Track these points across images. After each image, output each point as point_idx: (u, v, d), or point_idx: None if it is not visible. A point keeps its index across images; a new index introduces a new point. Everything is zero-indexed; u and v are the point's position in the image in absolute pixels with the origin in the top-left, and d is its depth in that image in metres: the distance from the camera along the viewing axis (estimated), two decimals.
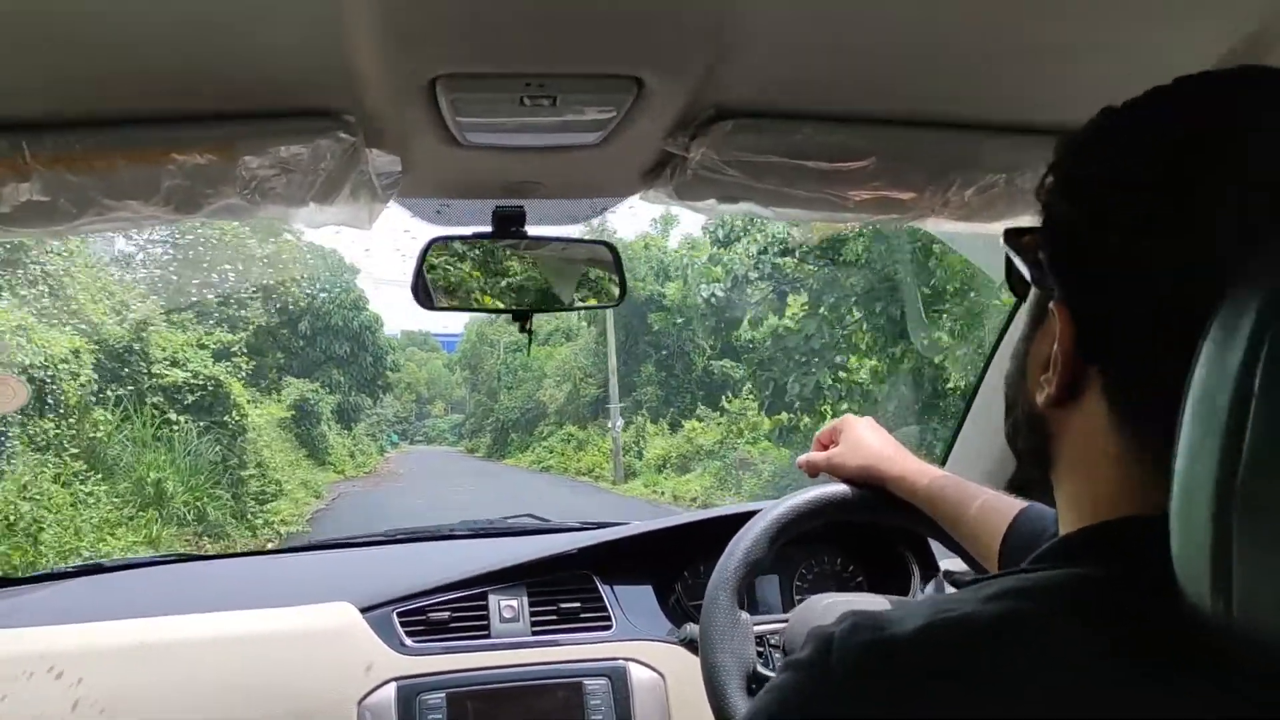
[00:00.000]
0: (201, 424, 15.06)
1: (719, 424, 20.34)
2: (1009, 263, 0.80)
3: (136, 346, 14.57)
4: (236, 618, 1.77)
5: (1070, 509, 0.73)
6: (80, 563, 2.10)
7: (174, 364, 15.42)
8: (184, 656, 1.69)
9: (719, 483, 18.26)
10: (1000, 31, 1.05)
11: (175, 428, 14.37)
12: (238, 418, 16.04)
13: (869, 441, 1.46)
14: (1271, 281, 0.53)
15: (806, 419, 15.10)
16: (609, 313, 24.16)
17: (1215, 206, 0.62)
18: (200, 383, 15.57)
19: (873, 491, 1.43)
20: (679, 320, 24.02)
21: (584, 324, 29.98)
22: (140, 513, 12.14)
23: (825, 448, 1.53)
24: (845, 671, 0.63)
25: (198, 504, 13.49)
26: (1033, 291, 0.77)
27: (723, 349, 24.31)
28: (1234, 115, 0.65)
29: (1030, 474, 0.80)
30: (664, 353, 25.50)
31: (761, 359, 15.77)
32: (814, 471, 1.51)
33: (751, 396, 19.14)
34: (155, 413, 14.11)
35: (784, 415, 17.01)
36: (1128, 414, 0.67)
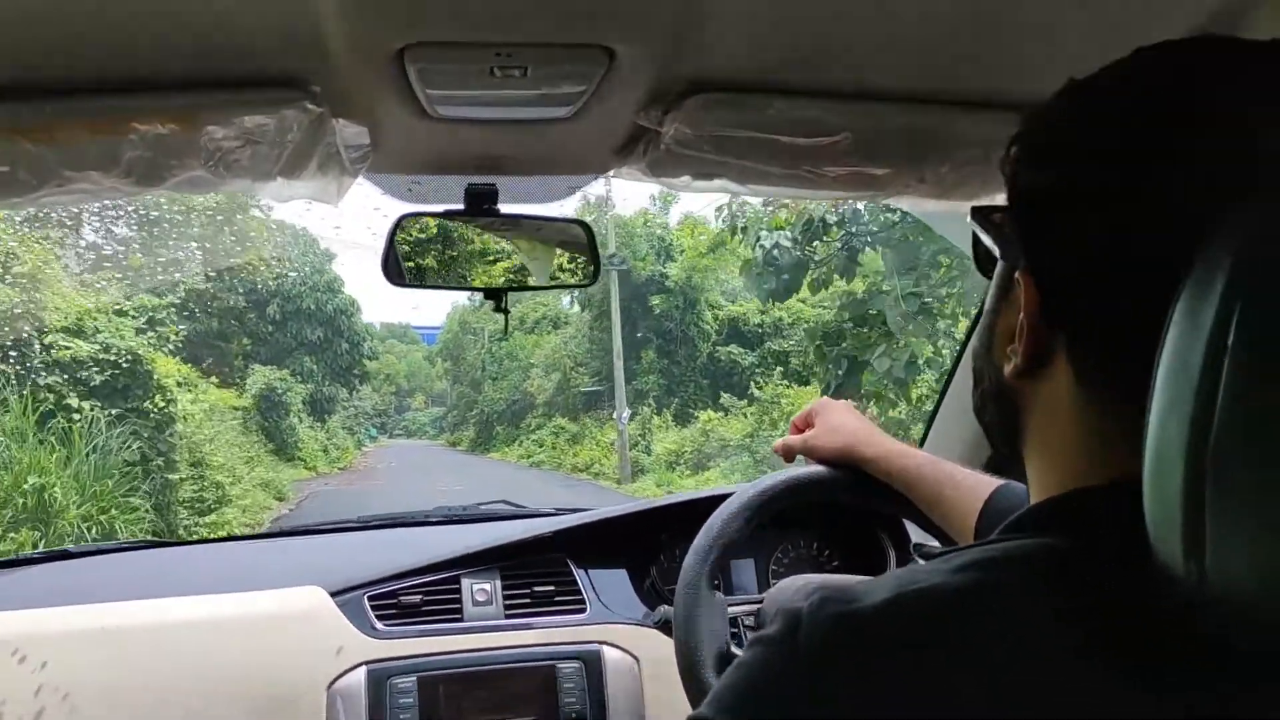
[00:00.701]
0: (113, 412, 11.92)
1: (747, 414, 18.80)
2: (976, 240, 0.80)
3: (22, 309, 11.36)
4: (205, 602, 1.75)
5: (1039, 480, 0.74)
6: (45, 549, 2.07)
7: (76, 333, 12.09)
8: (151, 641, 1.67)
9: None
10: (975, 6, 1.05)
11: (75, 417, 11.20)
12: (163, 404, 12.79)
13: (846, 424, 1.46)
14: (1241, 246, 0.53)
15: (902, 405, 11.79)
16: (613, 292, 23.27)
17: (1177, 173, 0.62)
18: (113, 359, 12.22)
19: (850, 472, 1.43)
20: (679, 303, 22.91)
21: (578, 309, 28.76)
22: (12, 532, 9.36)
23: (801, 432, 1.52)
24: (814, 646, 0.63)
25: (102, 518, 10.56)
26: (1000, 265, 0.77)
27: (729, 334, 23.46)
28: (1194, 83, 0.65)
29: (999, 448, 0.80)
30: (665, 339, 24.28)
31: (827, 331, 13.05)
32: (790, 456, 1.52)
33: (787, 382, 17.79)
34: (49, 396, 11.24)
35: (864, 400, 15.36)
36: (1094, 382, 0.67)
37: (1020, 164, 0.72)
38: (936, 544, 1.34)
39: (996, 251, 0.75)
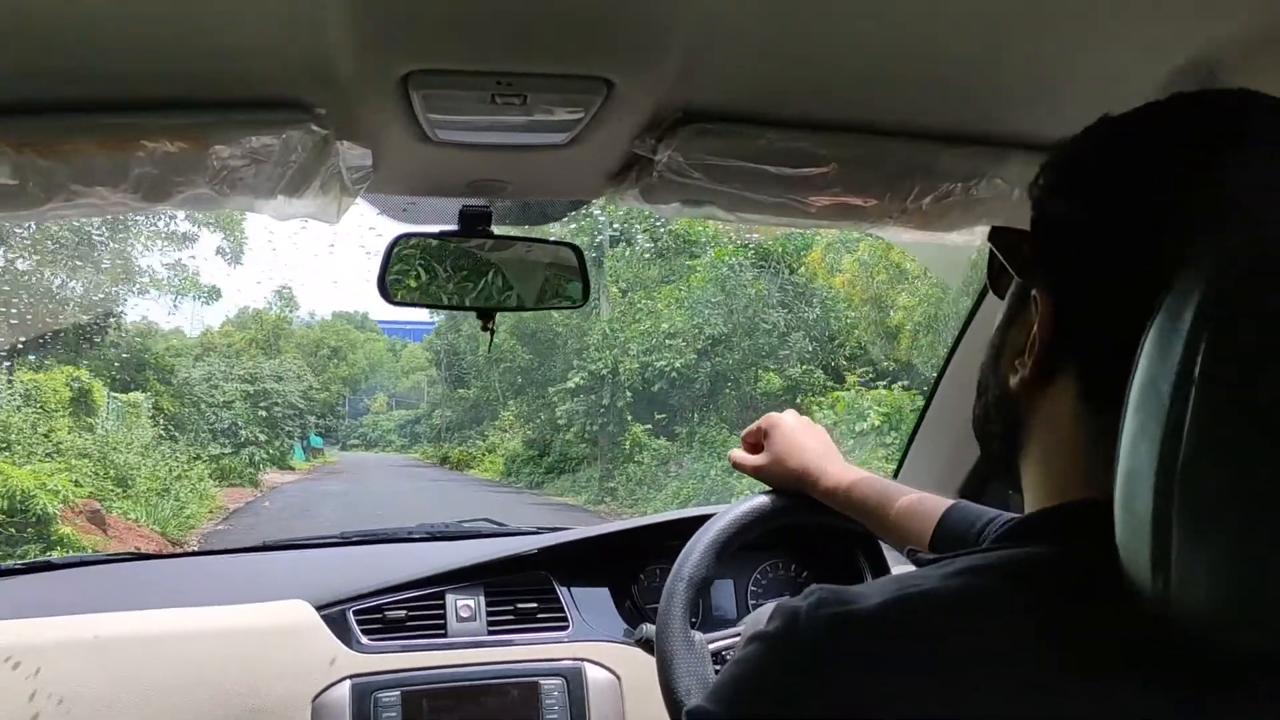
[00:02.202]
0: None
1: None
2: (992, 259, 0.83)
3: None
4: (192, 614, 1.75)
5: (1034, 490, 0.76)
6: (29, 560, 2.07)
7: None
8: (139, 650, 1.68)
9: None
10: (959, 45, 1.08)
11: None
12: None
13: (793, 451, 1.47)
14: (1212, 273, 0.56)
15: None
16: None
17: (1192, 214, 0.66)
18: None
19: (805, 499, 1.46)
20: None
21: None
22: None
23: (751, 446, 1.55)
24: (811, 644, 0.65)
25: None
26: (1013, 284, 0.80)
27: None
28: (1220, 134, 0.69)
29: (997, 458, 0.83)
30: None
31: None
32: (741, 471, 1.54)
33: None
34: None
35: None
36: (1097, 400, 0.70)
37: (1047, 191, 0.76)
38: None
39: (1014, 272, 0.79)
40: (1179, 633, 0.57)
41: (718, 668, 1.42)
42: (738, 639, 1.51)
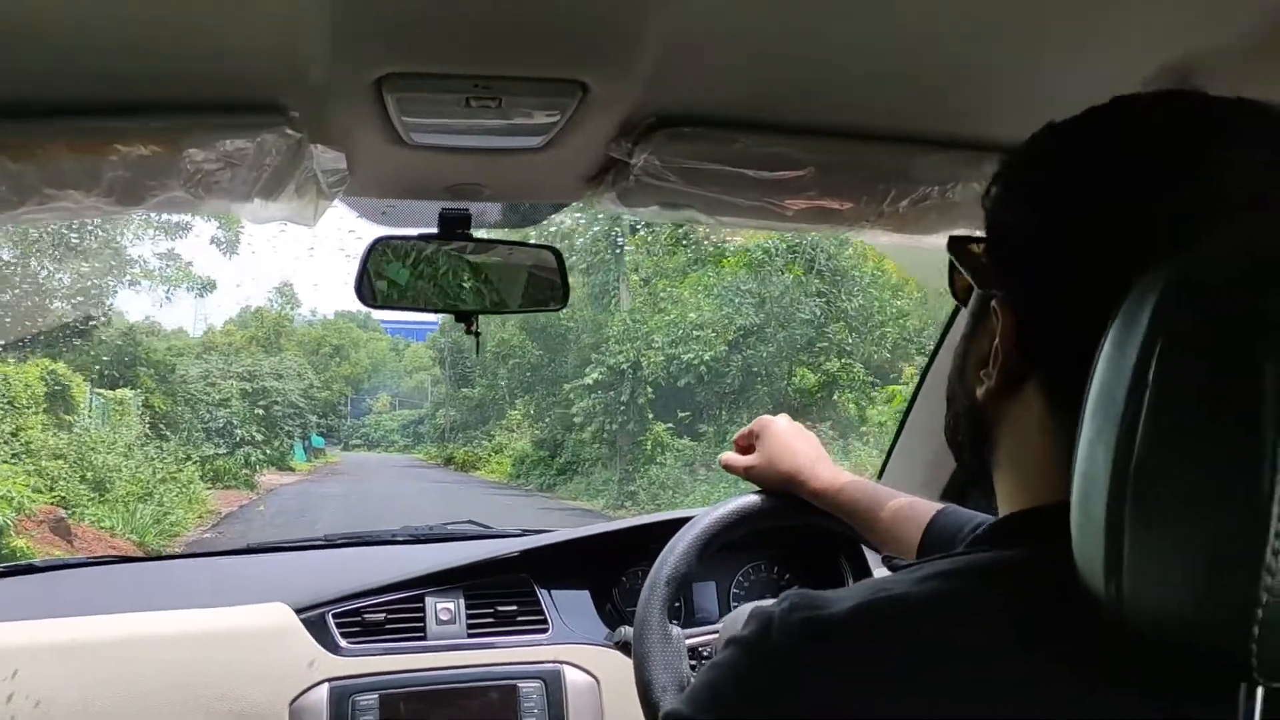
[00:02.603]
0: None
1: None
2: (952, 268, 0.84)
3: None
4: (170, 617, 1.75)
5: (1007, 497, 0.77)
6: (9, 563, 2.06)
7: None
8: (119, 654, 1.67)
9: None
10: (936, 49, 1.08)
11: None
12: None
13: (784, 454, 1.47)
14: (1166, 280, 0.56)
15: None
16: None
17: (1147, 215, 0.66)
18: None
19: (793, 500, 1.46)
20: None
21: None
22: None
23: (743, 449, 1.55)
24: (785, 648, 0.65)
25: None
26: (975, 293, 0.80)
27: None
28: (1169, 133, 0.69)
29: (969, 467, 0.83)
30: None
31: None
32: (733, 473, 1.54)
33: None
34: None
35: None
36: (1062, 404, 0.69)
37: (1000, 200, 0.76)
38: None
39: (973, 282, 0.79)
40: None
41: (694, 663, 1.42)
42: (715, 637, 1.51)
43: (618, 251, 21.79)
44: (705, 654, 1.51)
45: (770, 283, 18.30)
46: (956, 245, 0.81)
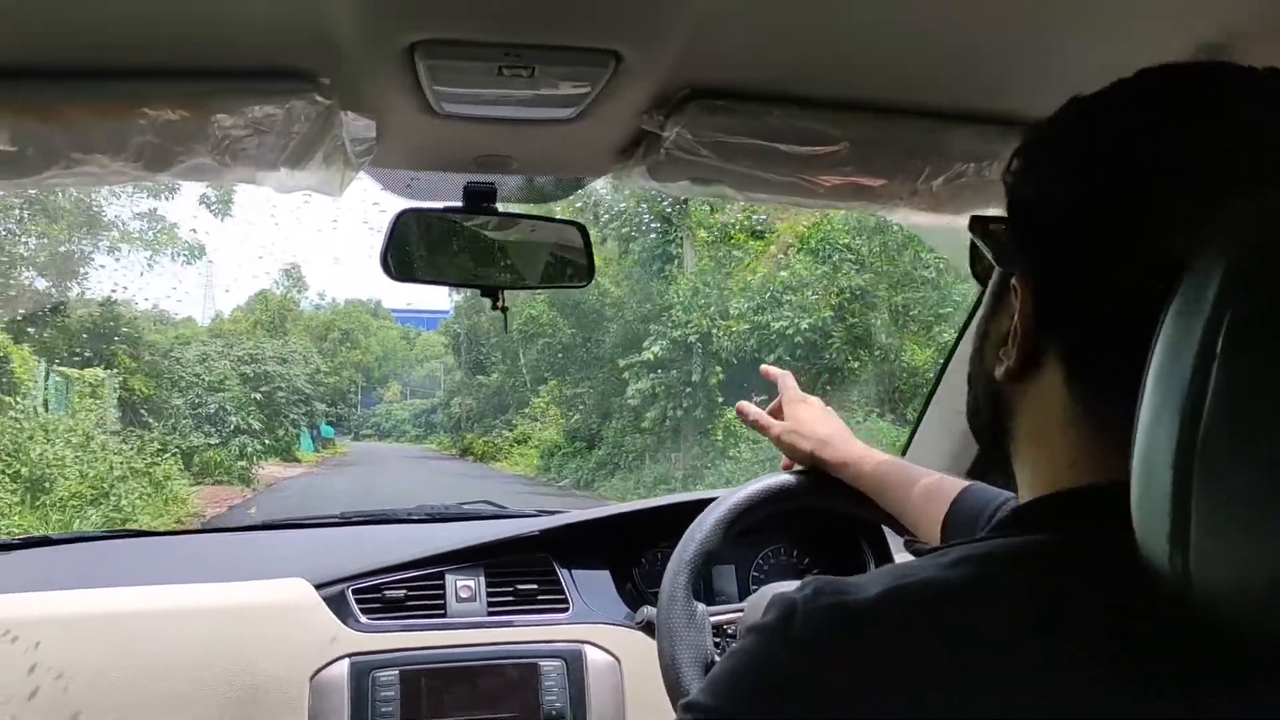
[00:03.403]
0: None
1: None
2: (973, 248, 0.82)
3: None
4: (191, 590, 1.75)
5: (1028, 480, 0.75)
6: (24, 535, 2.06)
7: None
8: (139, 626, 1.67)
9: None
10: (972, 22, 1.07)
11: None
12: None
13: (815, 427, 1.47)
14: (1233, 252, 0.55)
15: None
16: None
17: (1172, 189, 0.64)
18: None
19: (820, 478, 1.45)
20: None
21: None
22: None
23: (774, 414, 1.54)
24: (808, 635, 0.64)
25: None
26: (995, 274, 0.79)
27: None
28: (1191, 104, 0.67)
29: (990, 450, 0.82)
30: None
31: None
32: (752, 424, 1.54)
33: None
34: None
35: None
36: (1084, 384, 0.69)
37: (1020, 176, 0.75)
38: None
39: (993, 260, 0.78)
40: (1183, 620, 0.56)
41: (717, 640, 1.42)
42: (739, 615, 1.51)
43: (680, 207, 18.57)
44: (730, 632, 1.50)
45: (889, 232, 14.77)
46: (977, 225, 0.80)
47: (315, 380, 26.55)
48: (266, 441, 21.92)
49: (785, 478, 1.47)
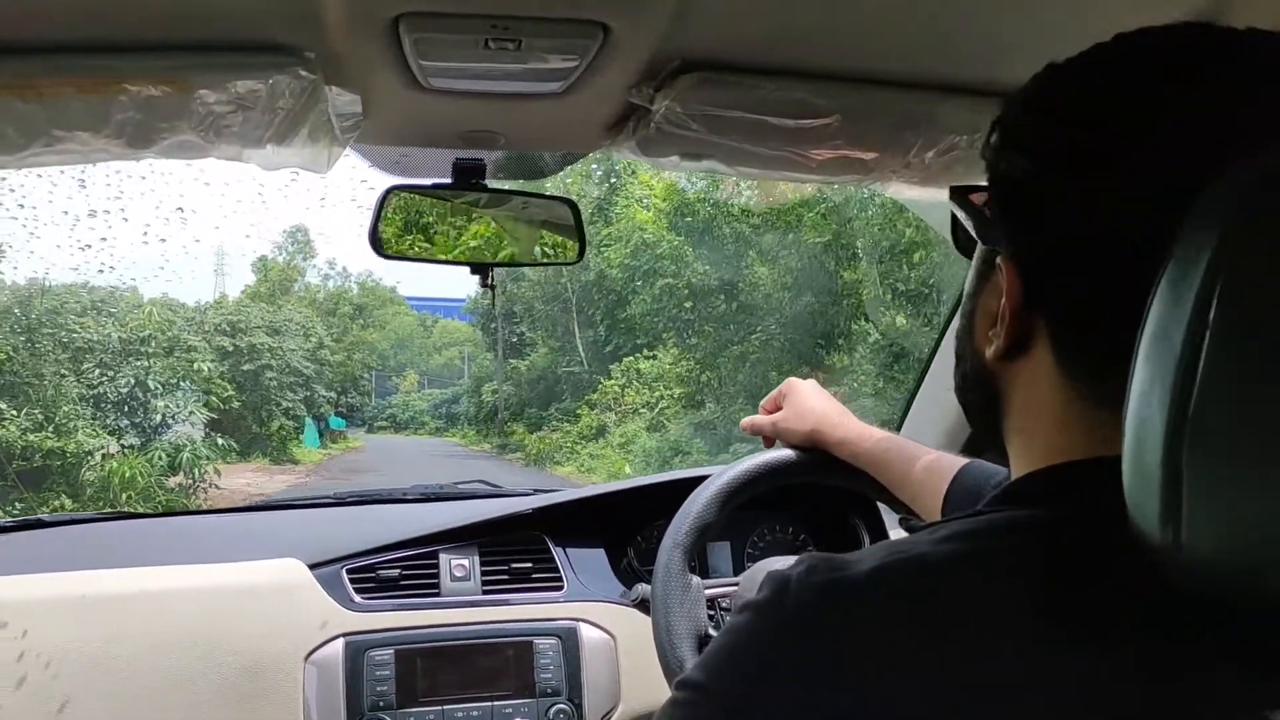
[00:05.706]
0: None
1: None
2: (955, 221, 0.81)
3: None
4: (183, 571, 1.75)
5: (1020, 457, 0.75)
6: (17, 518, 2.06)
7: None
8: (130, 609, 1.67)
9: None
10: None
11: None
12: None
13: (813, 407, 1.48)
14: (1224, 222, 0.54)
15: None
16: None
17: (1154, 155, 0.63)
18: None
19: (819, 455, 1.45)
20: None
21: None
22: None
23: (771, 413, 1.54)
24: (802, 611, 0.64)
25: None
26: (979, 248, 0.78)
27: None
28: (1173, 68, 0.66)
29: (981, 427, 0.82)
30: None
31: None
32: (758, 434, 1.54)
33: None
34: None
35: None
36: (1075, 363, 0.68)
37: (1000, 148, 0.73)
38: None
39: (976, 235, 0.76)
40: (1171, 594, 0.56)
41: (711, 613, 1.42)
42: (734, 588, 1.51)
43: None
44: (724, 605, 1.50)
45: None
46: (958, 195, 0.78)
47: (317, 358, 21.62)
48: (235, 440, 16.48)
49: (784, 453, 1.47)
